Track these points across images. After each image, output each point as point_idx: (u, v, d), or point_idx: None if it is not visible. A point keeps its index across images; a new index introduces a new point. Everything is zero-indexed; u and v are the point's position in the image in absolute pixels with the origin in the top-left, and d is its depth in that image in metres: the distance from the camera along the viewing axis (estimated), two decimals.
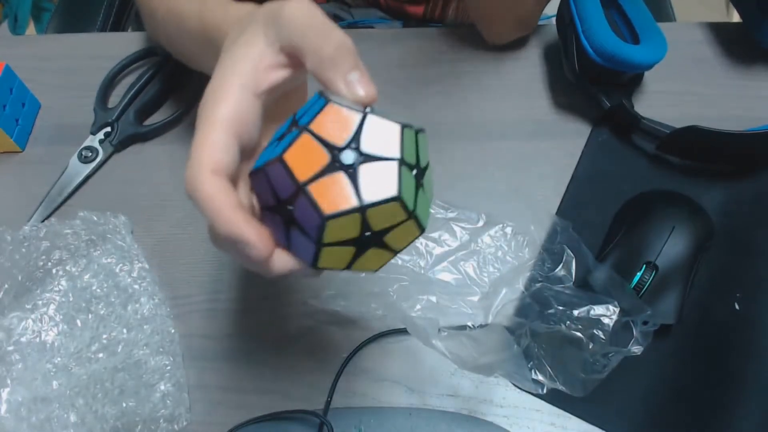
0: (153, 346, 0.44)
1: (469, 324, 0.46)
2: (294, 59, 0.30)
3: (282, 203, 0.28)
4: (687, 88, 0.58)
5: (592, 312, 0.43)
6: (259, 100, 0.29)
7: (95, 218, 0.49)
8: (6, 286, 0.46)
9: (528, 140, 0.56)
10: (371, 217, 0.27)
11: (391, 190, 0.27)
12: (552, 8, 0.59)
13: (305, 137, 0.27)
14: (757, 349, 0.44)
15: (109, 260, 0.47)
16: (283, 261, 0.29)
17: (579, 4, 0.53)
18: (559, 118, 0.57)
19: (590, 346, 0.43)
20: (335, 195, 0.26)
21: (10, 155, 0.56)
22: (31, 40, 0.67)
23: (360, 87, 0.29)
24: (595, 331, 0.43)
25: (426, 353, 0.45)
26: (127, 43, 0.62)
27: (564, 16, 0.56)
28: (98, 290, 0.46)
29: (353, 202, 0.26)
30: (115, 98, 0.59)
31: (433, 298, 0.47)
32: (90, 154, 0.55)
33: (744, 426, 0.41)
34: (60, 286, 0.46)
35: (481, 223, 0.50)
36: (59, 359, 0.43)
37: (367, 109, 0.28)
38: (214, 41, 0.38)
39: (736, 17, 0.62)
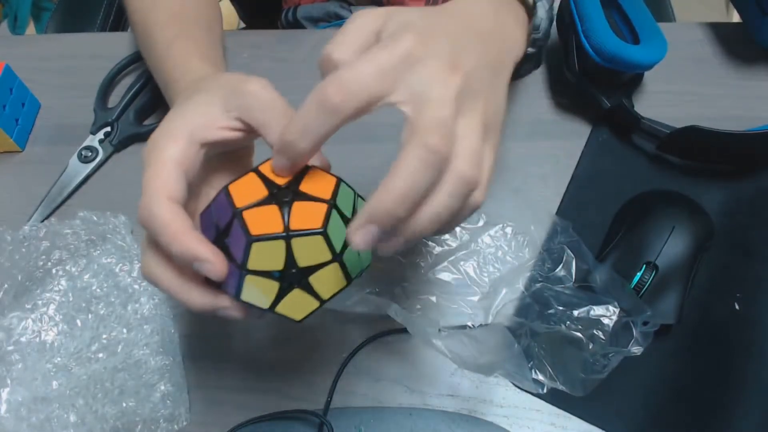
0: (153, 346, 0.44)
1: (469, 324, 0.46)
2: (247, 127, 0.32)
3: (220, 235, 0.30)
4: (687, 88, 0.58)
5: (592, 312, 0.43)
6: (203, 149, 0.32)
7: (95, 218, 0.49)
8: (6, 286, 0.46)
9: (528, 140, 0.56)
10: (296, 249, 0.29)
11: (316, 224, 0.29)
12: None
13: (251, 175, 0.31)
14: (757, 349, 0.44)
15: (109, 260, 0.47)
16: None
17: (579, 3, 0.53)
18: (559, 118, 0.57)
19: (590, 347, 0.43)
20: (265, 221, 0.29)
21: (10, 155, 0.56)
22: (31, 39, 0.67)
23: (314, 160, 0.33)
24: (595, 331, 0.43)
25: (426, 353, 0.45)
26: (127, 43, 0.62)
27: (564, 16, 0.56)
28: (98, 290, 0.46)
29: (279, 228, 0.28)
30: (115, 98, 0.59)
31: (433, 298, 0.47)
32: (90, 154, 0.55)
33: (744, 426, 0.41)
34: (60, 286, 0.46)
35: (481, 223, 0.50)
36: (59, 359, 0.43)
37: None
38: (170, 87, 0.43)
39: (736, 17, 0.62)
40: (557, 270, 0.47)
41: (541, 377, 0.42)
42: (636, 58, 0.51)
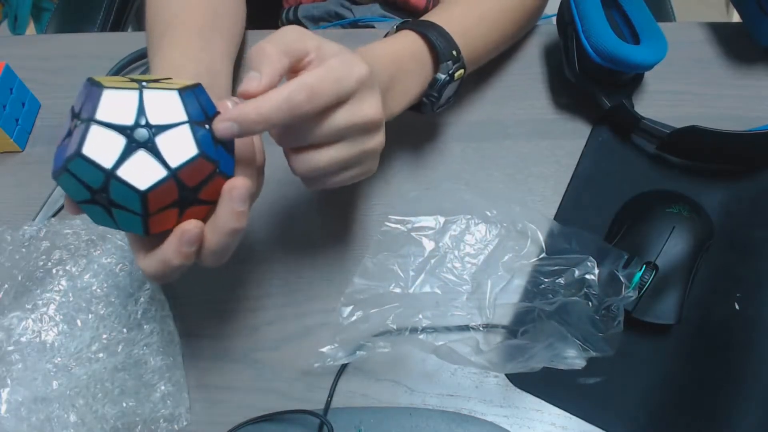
0: (153, 346, 0.44)
1: (471, 325, 0.46)
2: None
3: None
4: (687, 88, 0.58)
5: (575, 274, 0.44)
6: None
7: None
8: (6, 286, 0.46)
9: (528, 140, 0.56)
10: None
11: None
12: (552, 8, 0.59)
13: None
14: (758, 349, 0.44)
15: (109, 260, 0.47)
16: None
17: (579, 3, 0.53)
18: (560, 118, 0.57)
19: (589, 305, 0.43)
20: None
21: (9, 155, 0.56)
22: (31, 39, 0.67)
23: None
24: (585, 289, 0.44)
25: (426, 353, 0.45)
26: (127, 42, 0.62)
27: (564, 15, 0.56)
28: (98, 290, 0.46)
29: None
30: None
31: (427, 313, 0.46)
32: None
33: (744, 426, 0.41)
34: (60, 286, 0.46)
35: (440, 225, 0.50)
36: (59, 359, 0.43)
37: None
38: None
39: (736, 17, 0.62)
40: (528, 245, 0.48)
41: (572, 352, 0.42)
42: (636, 58, 0.50)
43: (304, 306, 0.48)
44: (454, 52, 0.45)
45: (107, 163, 0.29)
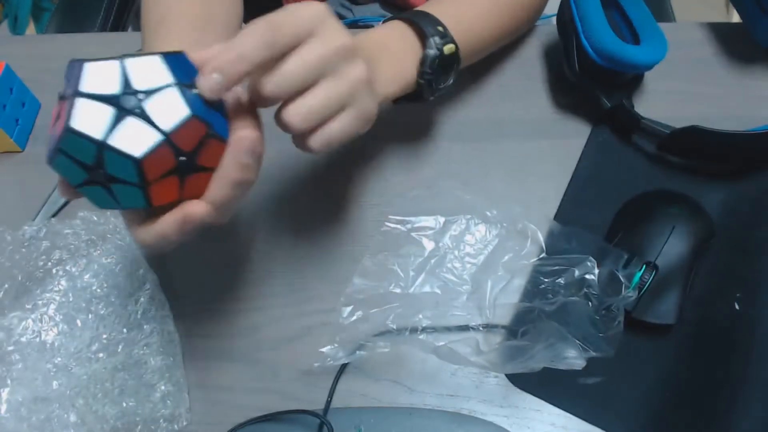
0: (153, 346, 0.44)
1: (471, 325, 0.46)
2: None
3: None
4: (687, 88, 0.58)
5: (575, 274, 0.44)
6: None
7: (95, 218, 0.49)
8: (6, 286, 0.46)
9: (528, 140, 0.56)
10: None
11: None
12: (552, 8, 0.59)
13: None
14: (757, 349, 0.44)
15: (109, 260, 0.47)
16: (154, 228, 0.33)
17: (579, 3, 0.53)
18: (560, 118, 0.57)
19: (589, 305, 0.43)
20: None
21: (9, 155, 0.56)
22: (31, 39, 0.68)
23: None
24: (585, 289, 0.44)
25: (426, 353, 0.45)
26: (127, 43, 0.62)
27: (564, 15, 0.56)
28: (98, 290, 0.46)
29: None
30: None
31: (428, 313, 0.46)
32: None
33: (744, 426, 0.41)
34: (60, 286, 0.46)
35: (440, 225, 0.50)
36: (59, 359, 0.43)
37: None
38: None
39: (735, 17, 0.62)
40: (527, 245, 0.48)
41: (573, 353, 0.41)
42: (636, 58, 0.50)
43: (304, 306, 0.48)
44: (440, 28, 0.46)
45: (98, 134, 0.28)
